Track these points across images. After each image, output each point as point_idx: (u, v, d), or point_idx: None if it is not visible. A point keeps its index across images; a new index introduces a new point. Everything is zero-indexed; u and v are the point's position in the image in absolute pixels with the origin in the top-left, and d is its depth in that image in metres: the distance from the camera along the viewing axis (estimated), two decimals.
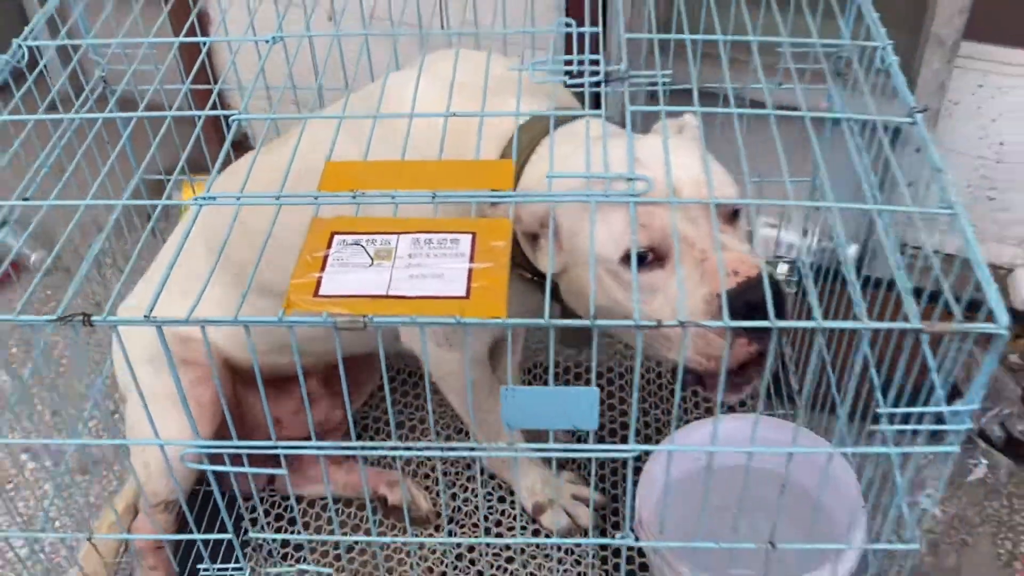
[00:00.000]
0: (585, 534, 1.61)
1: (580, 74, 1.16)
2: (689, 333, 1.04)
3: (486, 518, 1.67)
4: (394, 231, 0.99)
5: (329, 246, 0.98)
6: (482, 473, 1.72)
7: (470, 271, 0.94)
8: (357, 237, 0.98)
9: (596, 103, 1.21)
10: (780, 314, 0.94)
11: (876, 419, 1.01)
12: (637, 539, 1.21)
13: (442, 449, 1.21)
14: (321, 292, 0.92)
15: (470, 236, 0.98)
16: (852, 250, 2.19)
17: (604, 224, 1.07)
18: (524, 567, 1.58)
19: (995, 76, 2.01)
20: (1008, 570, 1.64)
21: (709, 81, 1.23)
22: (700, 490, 1.10)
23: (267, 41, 1.24)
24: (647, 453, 1.37)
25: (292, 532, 1.64)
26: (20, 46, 1.26)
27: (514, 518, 1.66)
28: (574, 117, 1.23)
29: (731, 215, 1.13)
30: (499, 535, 1.65)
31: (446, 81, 1.20)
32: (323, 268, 0.95)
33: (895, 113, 1.15)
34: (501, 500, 1.71)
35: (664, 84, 1.14)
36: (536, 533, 1.64)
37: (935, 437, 1.00)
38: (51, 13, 1.39)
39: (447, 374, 1.44)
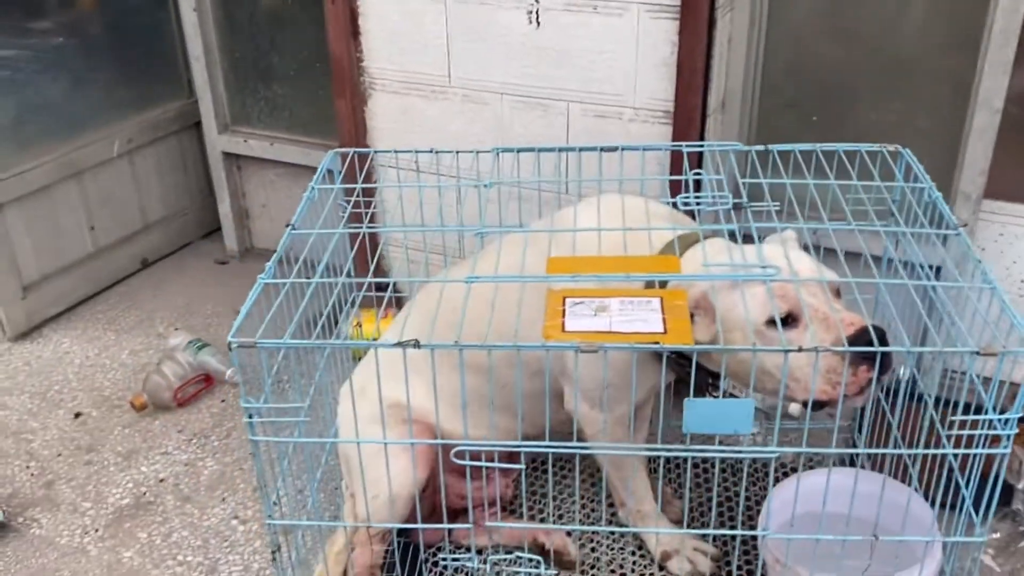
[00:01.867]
0: None
1: (714, 204, 1.69)
2: (820, 371, 1.49)
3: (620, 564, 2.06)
4: (607, 296, 1.48)
5: (563, 304, 1.47)
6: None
7: (663, 319, 1.42)
8: (582, 299, 1.48)
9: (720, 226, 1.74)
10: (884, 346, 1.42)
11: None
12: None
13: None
14: (566, 329, 1.41)
15: (659, 299, 1.47)
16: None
17: (749, 298, 1.55)
18: None
19: (1012, 226, 2.52)
20: None
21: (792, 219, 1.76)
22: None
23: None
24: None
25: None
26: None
27: (645, 566, 2.05)
28: (711, 236, 1.75)
29: (835, 293, 1.61)
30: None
31: (617, 211, 1.73)
32: (563, 316, 1.44)
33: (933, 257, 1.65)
34: (632, 553, 2.10)
35: (774, 209, 1.66)
36: None
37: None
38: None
39: (597, 432, 1.88)
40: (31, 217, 3.17)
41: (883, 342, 1.43)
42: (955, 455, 1.51)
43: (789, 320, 1.53)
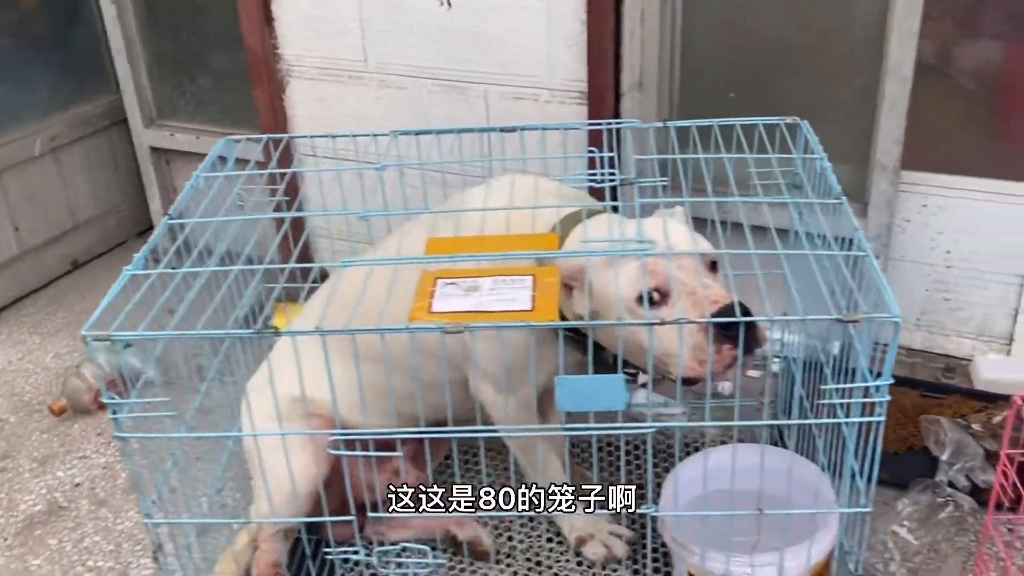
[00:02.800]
0: (619, 563, 1.96)
1: (603, 182, 1.65)
2: (688, 347, 1.45)
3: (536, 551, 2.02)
4: (479, 276, 1.44)
5: (434, 286, 1.42)
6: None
7: (533, 296, 1.38)
8: (454, 280, 1.43)
9: (614, 201, 1.69)
10: (748, 324, 1.38)
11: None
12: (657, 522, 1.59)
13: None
14: (432, 310, 1.36)
15: (531, 277, 1.43)
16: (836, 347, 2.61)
17: (622, 275, 1.51)
18: None
19: (934, 198, 2.49)
20: None
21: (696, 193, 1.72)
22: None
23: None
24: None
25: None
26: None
27: (561, 552, 2.02)
28: (598, 212, 1.70)
29: (711, 266, 1.57)
30: (549, 566, 2.00)
31: (507, 191, 1.68)
32: (432, 298, 1.39)
33: (843, 227, 1.60)
34: (549, 540, 2.06)
35: (663, 186, 1.62)
36: (579, 564, 1.99)
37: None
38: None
39: (501, 418, 1.83)
40: None
41: (746, 313, 1.39)
42: (845, 424, 1.47)
43: (659, 296, 1.49)
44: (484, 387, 1.82)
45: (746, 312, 1.41)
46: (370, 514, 1.64)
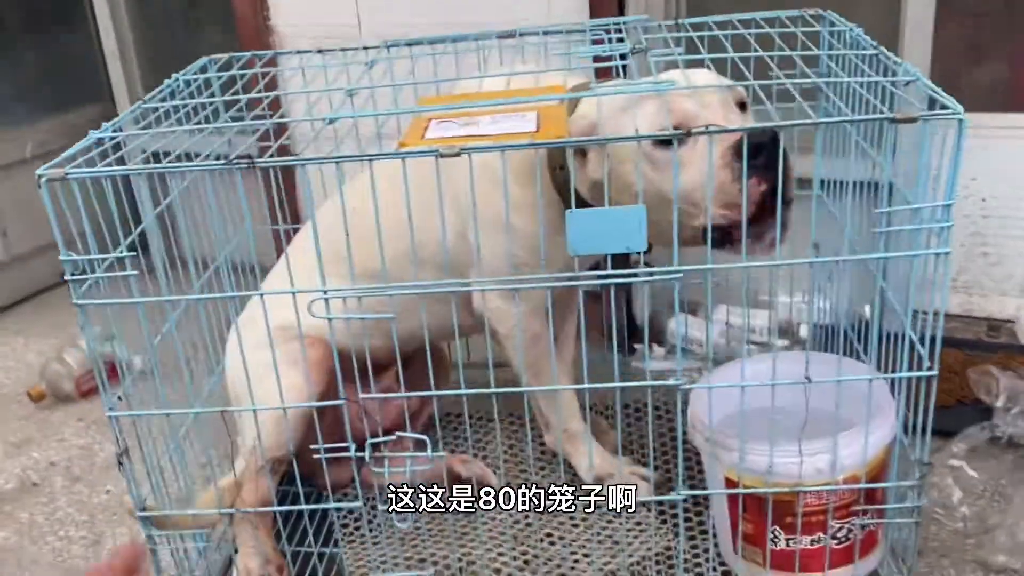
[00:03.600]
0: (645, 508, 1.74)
1: (611, 56, 1.50)
2: (714, 191, 1.28)
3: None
4: (478, 116, 1.28)
5: (427, 124, 1.27)
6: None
7: (538, 121, 1.22)
8: (449, 120, 1.28)
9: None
10: (779, 153, 1.21)
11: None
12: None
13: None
14: (426, 137, 1.20)
15: (535, 113, 1.27)
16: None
17: (639, 116, 1.35)
18: (591, 529, 1.70)
19: (968, 139, 2.33)
20: None
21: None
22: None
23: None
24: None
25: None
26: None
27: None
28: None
29: (740, 105, 1.41)
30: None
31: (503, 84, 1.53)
32: (426, 130, 1.24)
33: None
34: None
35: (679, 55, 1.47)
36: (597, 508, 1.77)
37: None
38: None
39: (512, 328, 1.65)
40: None
41: (775, 147, 1.22)
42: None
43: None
44: (490, 295, 1.64)
45: (775, 138, 1.24)
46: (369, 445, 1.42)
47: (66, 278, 1.34)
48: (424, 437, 1.37)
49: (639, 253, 1.23)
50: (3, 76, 3.22)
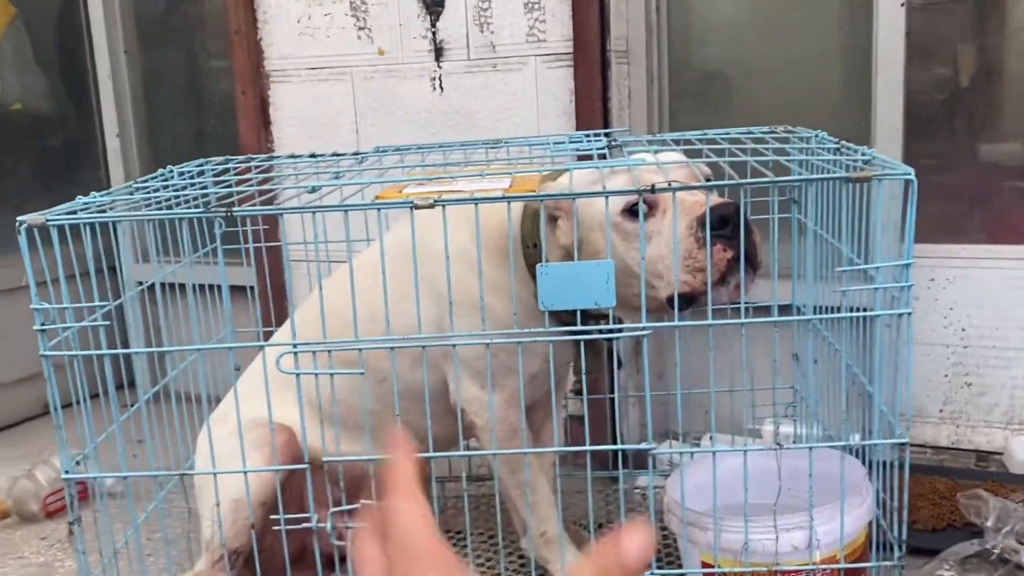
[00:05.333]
0: None
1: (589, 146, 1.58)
2: (679, 259, 1.31)
3: None
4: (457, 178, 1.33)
5: (403, 189, 1.31)
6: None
7: (512, 182, 1.26)
8: (426, 187, 1.32)
9: None
10: (744, 224, 1.25)
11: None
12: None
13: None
14: (404, 192, 1.24)
15: (510, 179, 1.32)
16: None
17: (609, 184, 1.39)
18: None
19: (941, 270, 2.39)
20: None
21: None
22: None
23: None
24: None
25: None
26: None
27: None
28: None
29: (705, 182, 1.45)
30: None
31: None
32: (401, 191, 1.28)
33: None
34: None
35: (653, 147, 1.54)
36: None
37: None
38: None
39: (487, 422, 1.63)
40: None
41: (738, 217, 1.27)
42: None
43: (647, 210, 1.37)
44: (466, 384, 1.64)
45: (739, 210, 1.28)
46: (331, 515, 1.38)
47: (35, 328, 1.33)
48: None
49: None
50: (16, 212, 3.31)
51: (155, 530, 1.60)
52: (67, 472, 1.37)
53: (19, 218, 1.29)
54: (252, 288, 2.32)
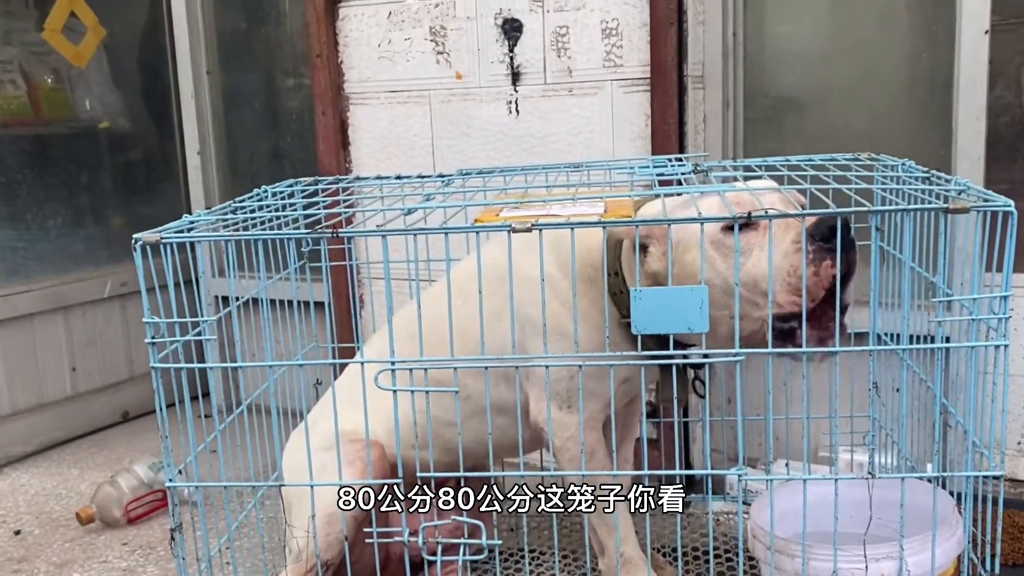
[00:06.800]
0: None
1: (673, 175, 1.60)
2: (780, 276, 1.32)
3: None
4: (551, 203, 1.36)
5: (499, 213, 1.35)
6: None
7: (605, 207, 1.29)
8: (521, 211, 1.36)
9: None
10: (850, 238, 1.27)
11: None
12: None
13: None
14: (501, 215, 1.28)
15: (603, 204, 1.35)
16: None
17: (704, 209, 1.40)
18: None
19: (1021, 299, 2.36)
20: None
21: None
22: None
23: None
24: None
25: None
26: None
27: None
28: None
29: None
30: None
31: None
32: (499, 213, 1.31)
33: None
34: None
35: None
36: None
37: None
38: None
39: (568, 439, 1.65)
40: (9, 344, 3.10)
41: (846, 234, 1.28)
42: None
43: (745, 224, 1.38)
44: (545, 406, 1.66)
45: (847, 225, 1.29)
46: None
47: (146, 341, 1.39)
48: (479, 523, 1.36)
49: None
50: (93, 213, 3.44)
51: (235, 538, 1.64)
52: (171, 480, 1.42)
53: (135, 235, 1.36)
54: (330, 304, 2.38)
